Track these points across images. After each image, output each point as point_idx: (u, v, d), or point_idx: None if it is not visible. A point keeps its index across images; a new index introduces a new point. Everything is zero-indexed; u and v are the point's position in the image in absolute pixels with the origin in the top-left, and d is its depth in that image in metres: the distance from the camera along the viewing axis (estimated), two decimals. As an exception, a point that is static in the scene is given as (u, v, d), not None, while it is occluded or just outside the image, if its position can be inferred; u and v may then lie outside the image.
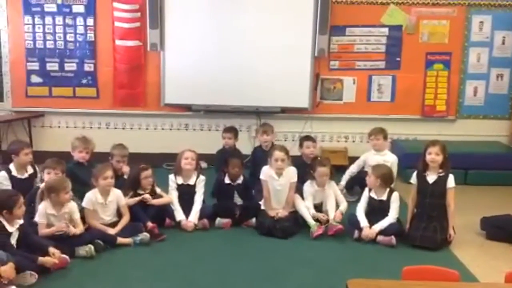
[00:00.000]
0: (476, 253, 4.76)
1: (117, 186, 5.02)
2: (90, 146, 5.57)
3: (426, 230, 4.79)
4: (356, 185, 5.91)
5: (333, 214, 5.11)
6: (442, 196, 4.89)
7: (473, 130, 7.47)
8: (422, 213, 4.93)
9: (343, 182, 6.10)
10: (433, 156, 4.85)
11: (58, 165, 4.96)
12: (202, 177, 5.37)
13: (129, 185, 5.21)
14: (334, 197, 5.25)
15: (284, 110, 7.26)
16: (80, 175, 5.14)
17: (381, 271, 4.20)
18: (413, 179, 5.04)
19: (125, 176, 5.47)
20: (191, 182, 5.32)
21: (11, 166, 5.20)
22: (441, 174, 4.88)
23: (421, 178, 4.96)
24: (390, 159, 5.80)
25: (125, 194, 5.05)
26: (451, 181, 4.88)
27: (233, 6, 7.06)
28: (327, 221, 5.04)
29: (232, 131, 6.43)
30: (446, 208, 4.88)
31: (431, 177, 4.92)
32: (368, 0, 7.14)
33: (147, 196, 5.07)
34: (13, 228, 4.05)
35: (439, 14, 7.22)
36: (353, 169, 6.17)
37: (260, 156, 6.01)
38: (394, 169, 5.61)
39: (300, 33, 7.07)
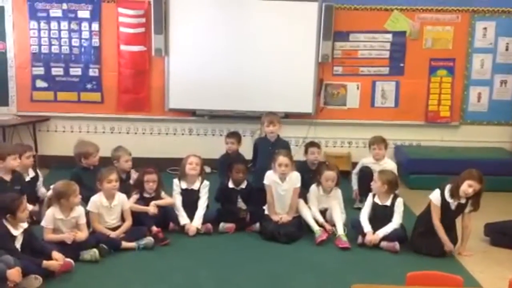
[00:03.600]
0: (480, 259, 4.76)
1: (122, 190, 5.05)
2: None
3: (432, 239, 4.74)
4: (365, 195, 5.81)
5: (340, 225, 5.06)
6: (457, 217, 4.83)
7: (477, 136, 7.46)
8: (432, 228, 4.79)
9: (355, 186, 6.11)
10: (470, 191, 4.61)
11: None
12: (206, 182, 5.38)
13: (134, 187, 5.25)
14: (338, 207, 5.23)
15: (287, 115, 7.26)
16: (85, 180, 5.15)
17: (384, 276, 4.21)
18: (437, 200, 4.75)
19: (131, 181, 5.48)
20: (195, 187, 5.33)
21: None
22: (463, 202, 4.75)
23: (445, 203, 4.75)
24: (389, 167, 5.74)
25: (129, 196, 5.08)
26: (470, 205, 4.77)
27: (237, 12, 7.09)
28: (333, 232, 5.03)
29: (235, 136, 6.43)
30: (455, 221, 4.84)
31: (454, 204, 4.75)
32: (372, 6, 7.16)
33: (152, 210, 5.05)
34: (17, 232, 4.07)
35: (443, 20, 7.23)
36: (356, 176, 6.17)
37: (262, 146, 5.96)
38: (395, 176, 5.59)
39: (304, 38, 7.09)
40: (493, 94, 7.47)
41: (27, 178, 5.32)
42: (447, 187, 4.73)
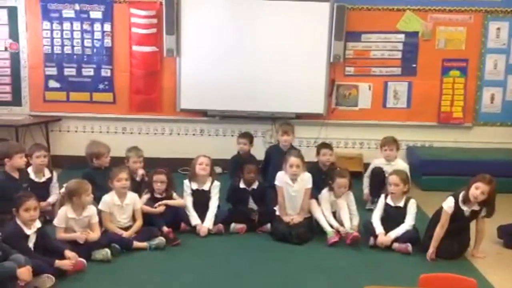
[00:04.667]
0: (493, 261, 4.71)
1: (132, 189, 5.06)
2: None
3: (444, 241, 4.68)
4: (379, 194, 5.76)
5: (348, 223, 5.08)
6: (471, 221, 4.78)
7: (490, 137, 7.41)
8: (447, 231, 4.70)
9: (366, 190, 6.08)
10: (478, 193, 4.53)
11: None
12: (216, 183, 5.38)
13: (146, 187, 5.27)
14: (347, 207, 5.20)
15: (299, 116, 7.26)
16: (97, 180, 5.16)
17: (397, 278, 4.19)
18: (449, 208, 4.63)
19: (138, 179, 5.49)
20: (206, 187, 5.33)
21: (29, 169, 5.25)
22: (477, 209, 4.67)
23: (459, 211, 4.65)
24: (401, 168, 5.70)
25: (140, 197, 5.10)
26: (484, 211, 4.71)
27: (249, 12, 7.09)
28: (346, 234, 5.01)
29: (248, 137, 6.43)
30: (468, 224, 4.80)
31: (468, 211, 4.66)
32: (384, 6, 7.13)
33: (160, 209, 5.08)
34: (30, 231, 4.09)
35: (456, 20, 7.18)
36: (367, 179, 6.14)
37: (275, 155, 6.01)
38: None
39: (316, 39, 7.08)
40: (506, 95, 7.41)
41: (43, 179, 5.35)
42: (461, 194, 4.64)
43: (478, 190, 4.52)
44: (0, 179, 4.89)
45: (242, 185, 5.42)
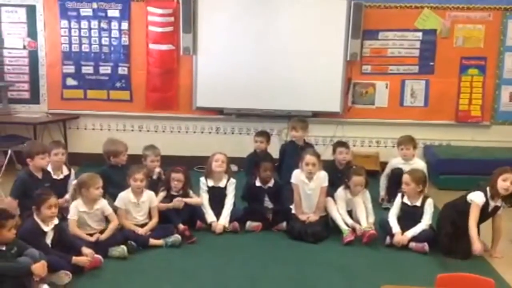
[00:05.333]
0: (511, 261, 4.66)
1: (149, 187, 5.09)
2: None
3: (461, 241, 4.65)
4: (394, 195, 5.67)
5: (364, 221, 5.04)
6: (488, 219, 4.77)
7: (508, 136, 7.32)
8: (459, 229, 4.71)
9: (383, 192, 6.05)
10: (509, 184, 4.51)
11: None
12: (232, 180, 5.38)
13: (162, 185, 5.28)
14: (363, 204, 5.17)
15: (315, 114, 7.24)
16: (113, 178, 5.20)
17: (413, 278, 4.16)
18: (481, 201, 4.59)
19: (154, 177, 5.51)
20: (222, 184, 5.35)
21: (49, 167, 5.29)
22: (499, 204, 4.68)
23: (485, 205, 4.63)
24: (419, 167, 5.67)
25: (157, 194, 5.12)
26: (503, 205, 4.72)
27: (265, 10, 7.08)
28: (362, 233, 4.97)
29: (264, 135, 6.42)
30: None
31: (491, 206, 4.66)
32: (402, 4, 7.07)
33: (178, 204, 5.10)
34: (48, 228, 4.13)
35: (474, 18, 7.11)
36: (385, 179, 6.11)
37: (288, 151, 6.04)
38: (424, 176, 5.50)
39: (333, 37, 7.05)
40: (525, 93, 7.33)
41: (61, 176, 5.39)
42: (488, 189, 4.62)
43: (507, 181, 4.52)
44: (23, 177, 4.95)
45: (258, 183, 5.42)
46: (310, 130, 6.33)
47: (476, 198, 4.63)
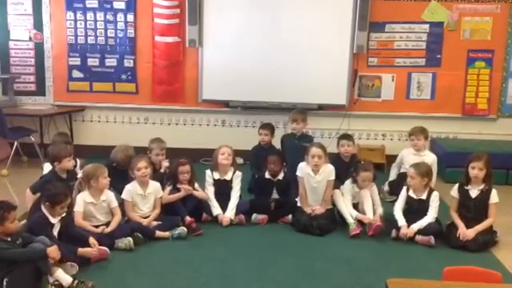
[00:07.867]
0: (518, 255, 4.65)
1: (155, 179, 5.09)
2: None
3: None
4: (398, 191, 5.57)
5: (371, 213, 5.05)
6: (485, 210, 4.82)
7: (515, 130, 7.30)
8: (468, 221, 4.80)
9: (387, 187, 6.03)
10: (476, 171, 4.79)
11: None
12: (238, 173, 5.38)
13: (168, 178, 5.28)
14: (370, 197, 5.17)
15: (321, 107, 7.22)
16: (117, 176, 5.17)
17: (419, 271, 4.16)
18: (454, 192, 4.95)
19: (162, 170, 5.51)
20: (228, 177, 5.34)
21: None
22: (484, 189, 4.81)
23: (464, 192, 4.88)
24: (429, 159, 5.67)
25: (164, 188, 5.11)
26: (494, 196, 4.81)
27: (271, 2, 7.06)
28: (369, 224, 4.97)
29: (269, 127, 6.41)
30: (482, 213, 4.81)
31: (473, 192, 4.84)
32: (409, -4, 7.05)
33: (186, 190, 5.10)
34: (55, 220, 4.14)
35: (481, 10, 7.06)
36: (394, 172, 6.10)
37: (289, 143, 6.04)
38: (434, 168, 5.49)
39: (339, 29, 7.03)
40: (533, 87, 7.29)
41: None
42: (464, 177, 4.90)
43: (475, 169, 4.78)
44: (49, 179, 4.95)
45: (267, 176, 5.40)
46: (316, 122, 6.31)
47: (452, 191, 4.95)
